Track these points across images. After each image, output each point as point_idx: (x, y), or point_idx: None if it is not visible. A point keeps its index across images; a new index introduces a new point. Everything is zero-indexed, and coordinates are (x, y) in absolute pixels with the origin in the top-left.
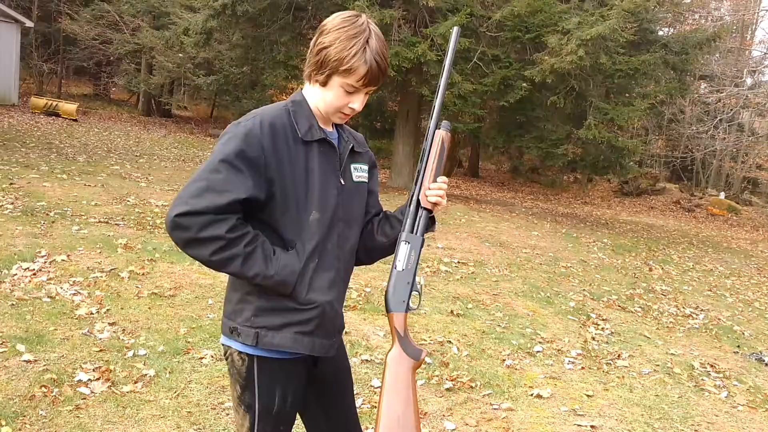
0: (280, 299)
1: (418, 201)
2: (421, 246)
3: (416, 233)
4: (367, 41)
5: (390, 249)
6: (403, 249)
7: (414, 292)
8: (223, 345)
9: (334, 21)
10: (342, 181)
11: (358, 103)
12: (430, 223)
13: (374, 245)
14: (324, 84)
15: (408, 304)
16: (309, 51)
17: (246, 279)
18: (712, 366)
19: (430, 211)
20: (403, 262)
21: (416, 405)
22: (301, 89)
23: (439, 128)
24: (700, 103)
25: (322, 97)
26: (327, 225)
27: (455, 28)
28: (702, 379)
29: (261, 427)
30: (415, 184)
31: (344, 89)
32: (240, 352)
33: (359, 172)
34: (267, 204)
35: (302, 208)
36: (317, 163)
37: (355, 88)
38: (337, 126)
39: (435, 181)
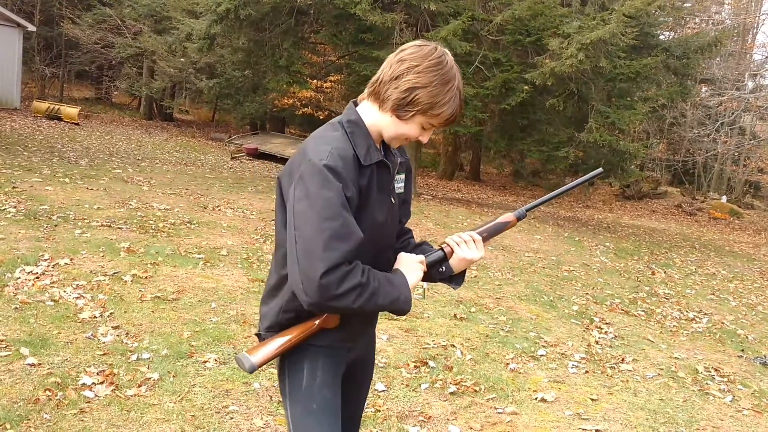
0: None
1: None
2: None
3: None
4: (459, 88)
5: None
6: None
7: None
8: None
9: (424, 59)
10: (393, 200)
11: (426, 136)
12: (454, 275)
13: None
14: (403, 119)
15: None
16: (389, 77)
17: (384, 309)
18: (716, 370)
19: (444, 253)
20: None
21: (287, 342)
22: (353, 105)
23: (514, 213)
24: (702, 107)
25: (393, 127)
26: (376, 244)
27: (599, 170)
28: (706, 383)
29: (292, 406)
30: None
31: (423, 126)
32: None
33: (399, 183)
34: None
35: (364, 230)
36: (375, 185)
37: (434, 126)
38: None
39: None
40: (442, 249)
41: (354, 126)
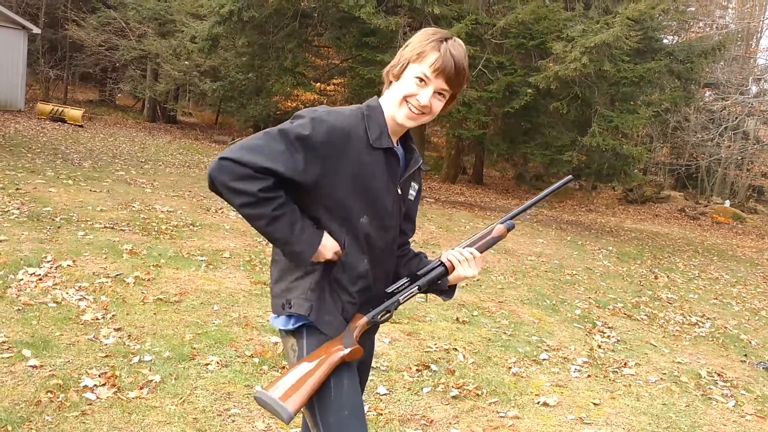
0: (333, 284)
1: (441, 258)
2: (417, 290)
3: (422, 277)
4: (446, 40)
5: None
6: (402, 279)
7: (386, 312)
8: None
9: (420, 34)
10: (399, 191)
11: (425, 95)
12: (447, 289)
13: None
14: (399, 76)
15: (373, 313)
16: (394, 61)
17: (271, 240)
18: (719, 375)
19: (445, 269)
20: (395, 287)
21: (318, 382)
22: (377, 96)
23: (503, 223)
24: (705, 111)
25: (395, 92)
26: (380, 228)
27: (569, 177)
28: (709, 388)
29: (323, 418)
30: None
31: (417, 78)
32: (292, 335)
33: (413, 191)
34: (312, 192)
35: (356, 208)
36: (382, 171)
37: (427, 77)
38: (406, 143)
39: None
40: (442, 264)
41: (371, 110)
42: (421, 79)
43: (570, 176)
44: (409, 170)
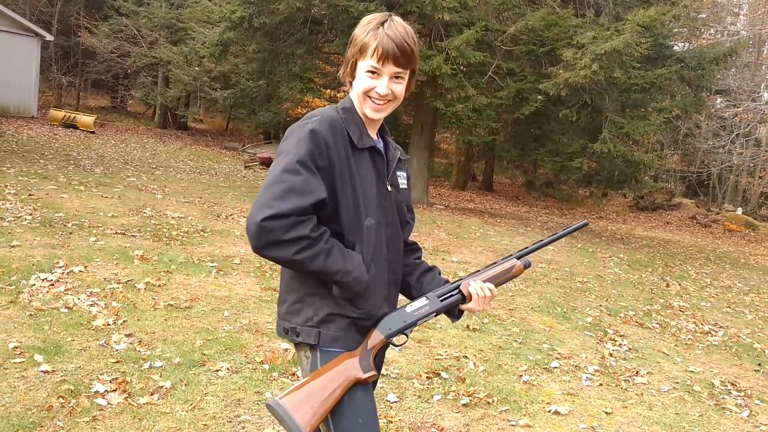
0: (340, 303)
1: (459, 283)
2: (434, 314)
3: (441, 301)
4: (382, 23)
5: (405, 291)
6: (421, 301)
7: (402, 335)
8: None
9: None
10: (389, 188)
11: (381, 85)
12: (457, 312)
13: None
14: (353, 75)
15: (391, 333)
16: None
17: (327, 275)
18: (732, 384)
19: (463, 298)
20: (414, 308)
21: (331, 405)
22: (349, 96)
23: (520, 260)
24: (717, 118)
25: (355, 92)
26: (378, 230)
27: (585, 222)
28: (723, 398)
29: (336, 424)
30: (471, 274)
31: (368, 72)
32: (306, 349)
33: (402, 180)
34: (329, 206)
35: (359, 212)
36: (369, 170)
37: (375, 68)
38: (383, 136)
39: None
40: (460, 291)
41: (347, 113)
42: (372, 72)
43: (586, 221)
44: (393, 162)
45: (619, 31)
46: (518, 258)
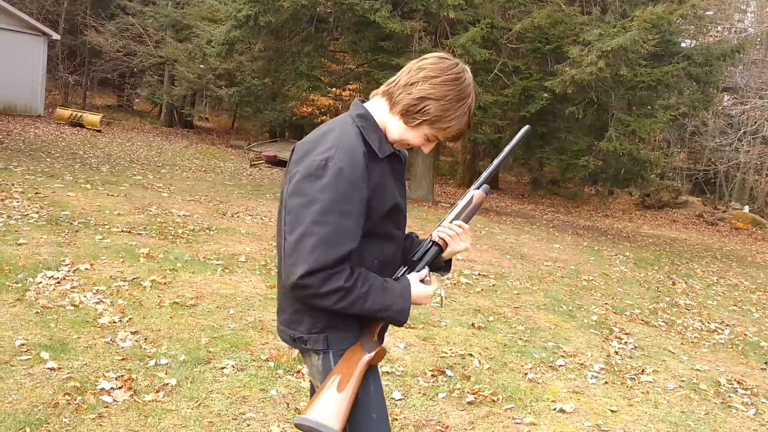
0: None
1: (430, 238)
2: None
3: (420, 261)
4: (470, 107)
5: None
6: (401, 270)
7: None
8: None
9: (442, 72)
10: (408, 190)
11: (429, 148)
12: (444, 264)
13: None
14: (410, 125)
15: None
16: (405, 82)
17: (371, 315)
18: (739, 383)
19: (439, 247)
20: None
21: (353, 393)
22: (360, 100)
23: (479, 189)
24: (724, 116)
25: (398, 130)
26: (400, 237)
27: (527, 128)
28: (729, 396)
29: (350, 419)
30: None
31: (428, 137)
32: (318, 353)
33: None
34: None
35: (387, 221)
36: (392, 177)
37: (438, 139)
38: None
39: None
40: (436, 243)
41: (364, 120)
42: (430, 139)
43: (527, 126)
44: (407, 160)
45: (626, 28)
46: (477, 189)
